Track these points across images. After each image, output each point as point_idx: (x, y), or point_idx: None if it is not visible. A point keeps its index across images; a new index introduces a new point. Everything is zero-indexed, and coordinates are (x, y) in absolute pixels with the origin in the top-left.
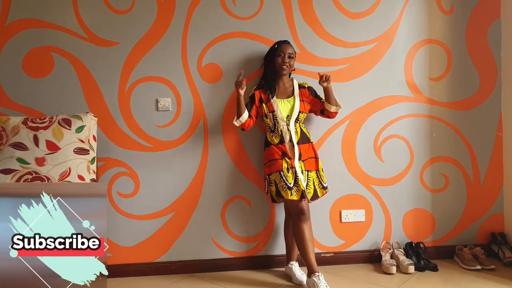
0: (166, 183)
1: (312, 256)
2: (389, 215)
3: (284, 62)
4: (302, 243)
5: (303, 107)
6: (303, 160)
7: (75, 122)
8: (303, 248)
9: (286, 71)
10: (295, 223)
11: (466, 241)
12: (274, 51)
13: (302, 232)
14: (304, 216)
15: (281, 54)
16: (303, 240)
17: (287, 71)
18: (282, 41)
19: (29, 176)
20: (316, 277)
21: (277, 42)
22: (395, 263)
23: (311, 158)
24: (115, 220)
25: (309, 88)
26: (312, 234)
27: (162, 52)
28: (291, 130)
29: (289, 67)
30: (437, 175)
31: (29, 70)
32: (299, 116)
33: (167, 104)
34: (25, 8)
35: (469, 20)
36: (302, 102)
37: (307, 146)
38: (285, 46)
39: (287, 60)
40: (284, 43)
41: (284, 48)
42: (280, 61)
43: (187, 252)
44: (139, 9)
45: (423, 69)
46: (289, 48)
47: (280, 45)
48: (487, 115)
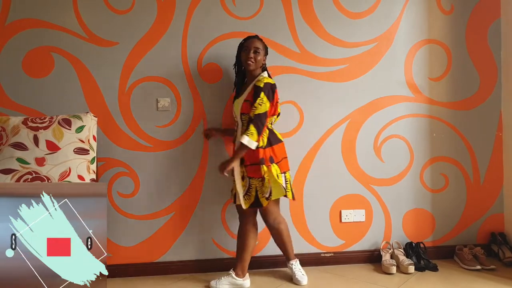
0: (166, 183)
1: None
2: (389, 215)
3: (248, 57)
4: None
5: (245, 108)
6: (245, 165)
7: (75, 122)
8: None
9: (251, 66)
10: None
11: (466, 241)
12: (240, 47)
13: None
14: (242, 220)
15: (246, 50)
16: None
17: (253, 67)
18: (248, 37)
19: (29, 176)
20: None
21: (245, 38)
22: (395, 263)
23: (254, 164)
24: (115, 220)
25: (255, 88)
26: (247, 237)
27: (162, 52)
28: (238, 132)
29: (255, 63)
30: (437, 175)
31: (29, 70)
32: (242, 118)
33: (167, 104)
34: (25, 8)
35: (469, 20)
36: (245, 103)
37: (250, 151)
38: (251, 40)
39: (251, 55)
40: (249, 38)
41: (250, 42)
42: (245, 56)
43: (187, 252)
44: (139, 9)
45: (423, 69)
46: (256, 43)
47: (247, 40)
48: (487, 115)
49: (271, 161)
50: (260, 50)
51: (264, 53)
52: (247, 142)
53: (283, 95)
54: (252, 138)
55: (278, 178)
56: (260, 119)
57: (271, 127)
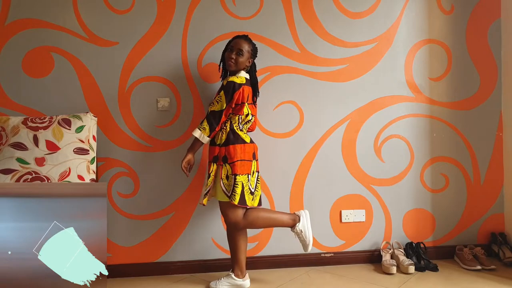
0: (166, 183)
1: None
2: (389, 215)
3: (230, 57)
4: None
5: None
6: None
7: (75, 122)
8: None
9: (231, 67)
10: None
11: (466, 241)
12: (227, 44)
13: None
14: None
15: (230, 49)
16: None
17: (233, 68)
18: (237, 36)
19: (29, 176)
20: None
21: (234, 36)
22: (395, 263)
23: (209, 162)
24: (115, 220)
25: (221, 86)
26: (235, 240)
27: (162, 52)
28: None
29: (236, 64)
30: (437, 175)
31: (29, 70)
32: None
33: (167, 104)
34: (25, 8)
35: (469, 20)
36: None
37: (211, 148)
38: (237, 40)
39: (233, 56)
40: (237, 38)
41: (235, 42)
42: (228, 56)
43: (187, 252)
44: (139, 9)
45: (423, 69)
46: (241, 44)
47: (234, 39)
48: (487, 115)
49: (224, 160)
50: (244, 52)
51: (249, 55)
52: (199, 135)
53: (283, 95)
54: (204, 133)
55: (226, 179)
56: (214, 115)
57: (236, 126)
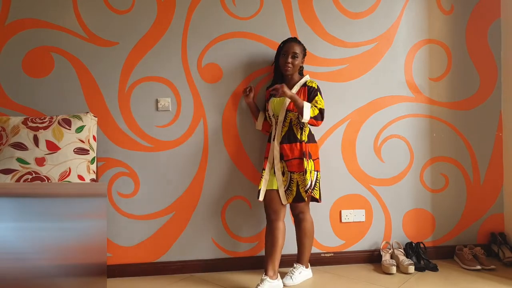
0: (166, 183)
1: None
2: (389, 215)
3: (286, 62)
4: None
5: (293, 106)
6: (285, 160)
7: (75, 122)
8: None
9: (289, 71)
10: None
11: (466, 241)
12: (279, 50)
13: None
14: (270, 217)
15: (284, 54)
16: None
17: (291, 72)
18: (287, 39)
19: (29, 176)
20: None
21: (284, 41)
22: (395, 263)
23: (295, 159)
24: (115, 220)
25: (309, 88)
26: (277, 237)
27: (162, 52)
28: (276, 130)
29: (293, 67)
30: (437, 175)
31: (29, 70)
32: (288, 115)
33: (167, 104)
34: (25, 8)
35: (469, 20)
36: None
37: (293, 146)
38: (289, 45)
39: (289, 60)
40: (288, 42)
41: (288, 47)
42: (283, 61)
43: (187, 252)
44: (139, 9)
45: (423, 69)
46: (294, 47)
47: (285, 43)
48: (487, 115)
49: (309, 156)
50: (298, 54)
51: (302, 56)
52: (306, 107)
53: None
54: (311, 112)
55: (311, 174)
56: (321, 112)
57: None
